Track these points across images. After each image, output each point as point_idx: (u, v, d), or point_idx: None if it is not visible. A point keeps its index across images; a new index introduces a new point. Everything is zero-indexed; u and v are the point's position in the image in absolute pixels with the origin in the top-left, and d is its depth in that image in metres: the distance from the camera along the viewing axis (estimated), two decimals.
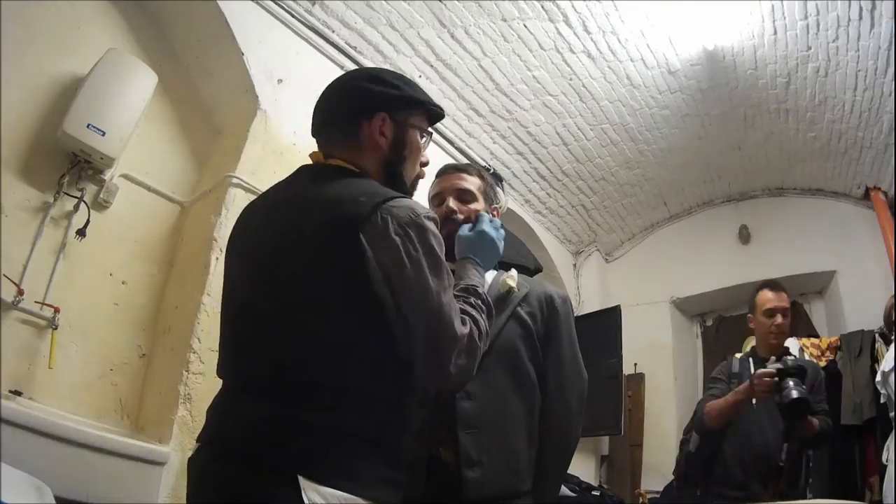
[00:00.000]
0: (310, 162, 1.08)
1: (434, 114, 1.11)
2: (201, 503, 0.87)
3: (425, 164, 1.12)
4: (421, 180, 1.13)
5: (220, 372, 0.99)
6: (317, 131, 1.09)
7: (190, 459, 0.92)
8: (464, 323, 0.92)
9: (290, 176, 1.08)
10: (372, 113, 1.02)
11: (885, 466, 2.43)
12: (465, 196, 1.41)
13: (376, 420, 0.88)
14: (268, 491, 0.80)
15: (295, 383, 0.87)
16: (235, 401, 0.91)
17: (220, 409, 0.93)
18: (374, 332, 0.89)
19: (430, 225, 0.93)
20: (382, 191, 0.95)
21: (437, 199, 1.44)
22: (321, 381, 0.86)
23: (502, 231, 1.28)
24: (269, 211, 1.02)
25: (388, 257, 0.87)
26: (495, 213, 1.51)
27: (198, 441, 0.94)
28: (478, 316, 0.97)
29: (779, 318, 2.13)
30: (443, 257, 0.93)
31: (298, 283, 0.90)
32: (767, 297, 2.21)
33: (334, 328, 0.88)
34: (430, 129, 1.11)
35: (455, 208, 1.38)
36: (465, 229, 1.26)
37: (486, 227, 1.24)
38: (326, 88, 1.10)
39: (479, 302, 1.02)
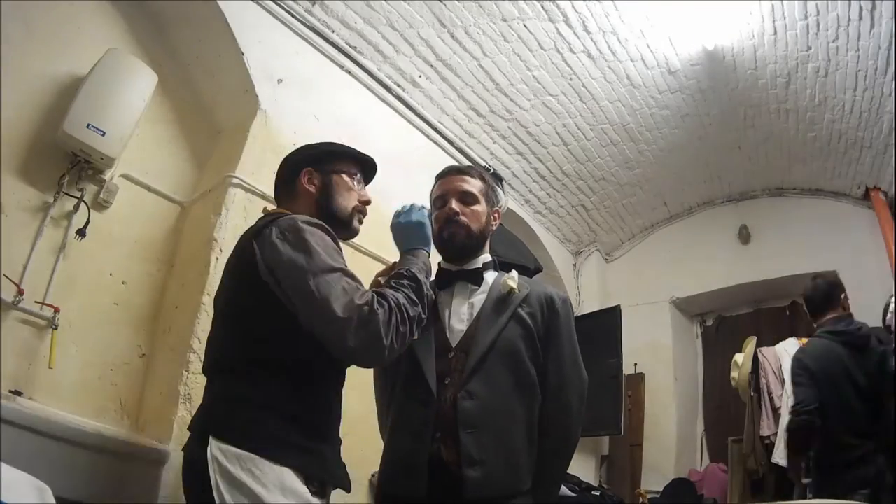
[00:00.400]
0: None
1: (356, 159, 1.37)
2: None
3: (365, 201, 1.36)
4: (363, 216, 1.37)
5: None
6: (275, 201, 1.39)
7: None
8: (359, 299, 1.06)
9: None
10: (299, 170, 1.32)
11: None
12: (467, 198, 1.43)
13: (285, 394, 1.08)
14: (195, 451, 1.05)
15: (225, 370, 1.14)
16: (206, 392, 1.20)
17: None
18: (276, 317, 1.09)
19: (309, 227, 1.13)
20: (283, 214, 1.20)
21: (439, 201, 1.46)
22: (242, 366, 1.11)
23: (422, 210, 1.36)
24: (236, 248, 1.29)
25: (269, 254, 1.11)
26: (496, 214, 1.52)
27: None
28: (391, 293, 1.13)
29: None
30: (322, 250, 1.10)
31: (223, 295, 1.23)
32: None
33: (245, 320, 1.13)
34: (354, 171, 1.36)
35: (458, 210, 1.40)
36: (395, 217, 1.37)
37: (398, 219, 1.36)
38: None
39: (402, 281, 1.19)
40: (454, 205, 1.41)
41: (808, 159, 3.87)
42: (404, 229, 1.33)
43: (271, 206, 1.39)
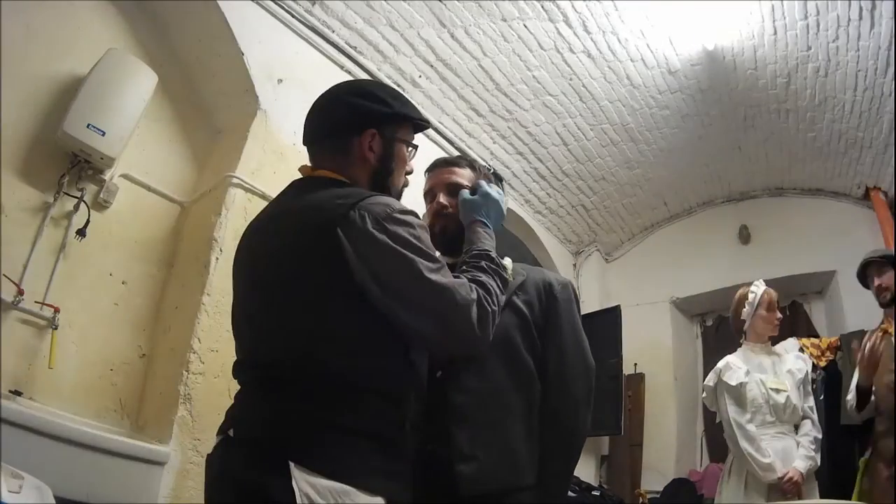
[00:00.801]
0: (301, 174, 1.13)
1: (420, 127, 1.17)
2: (210, 491, 0.94)
3: (410, 172, 1.18)
4: (406, 188, 1.19)
5: (234, 375, 1.04)
6: (308, 143, 1.14)
7: (208, 455, 0.98)
8: (470, 290, 0.97)
9: (283, 190, 1.13)
10: (362, 129, 1.07)
11: None
12: (455, 190, 1.39)
13: (370, 412, 0.93)
14: (263, 477, 0.85)
15: (294, 379, 0.92)
16: (244, 398, 0.98)
17: (233, 406, 1.00)
18: (363, 325, 0.94)
19: (408, 218, 0.97)
20: (360, 192, 1.00)
21: (429, 194, 1.42)
22: (318, 376, 0.92)
23: (503, 193, 1.30)
24: (265, 224, 1.08)
25: (368, 251, 0.92)
26: None
27: (217, 435, 0.99)
28: (487, 280, 1.02)
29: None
30: (426, 244, 0.97)
31: (288, 286, 0.96)
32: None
33: (323, 325, 0.93)
34: (415, 143, 1.17)
35: (446, 203, 1.36)
36: (466, 193, 1.29)
37: (486, 188, 1.27)
38: (317, 101, 1.14)
39: (489, 264, 1.07)
40: (442, 198, 1.37)
41: (808, 159, 3.87)
42: (486, 200, 1.25)
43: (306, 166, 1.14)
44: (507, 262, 1.39)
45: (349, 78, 2.86)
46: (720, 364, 2.56)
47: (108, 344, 2.10)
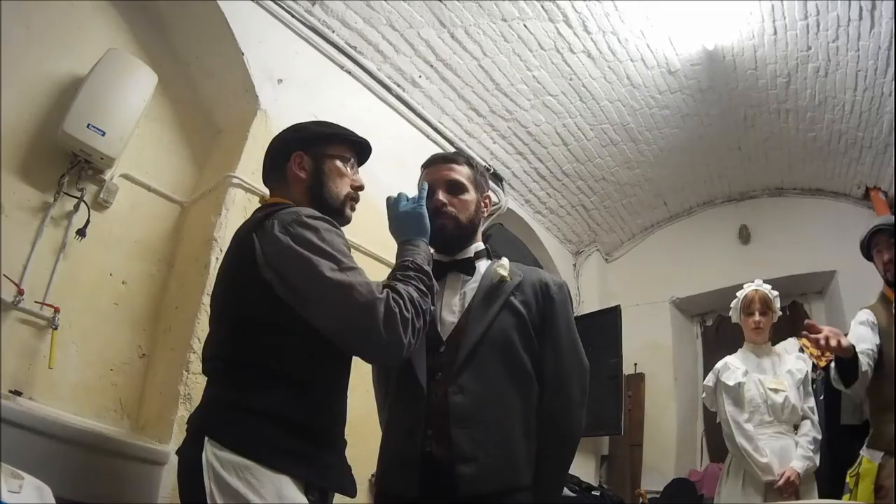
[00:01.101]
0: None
1: (351, 142, 1.30)
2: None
3: (358, 186, 1.30)
4: (356, 202, 1.31)
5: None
6: (264, 182, 1.33)
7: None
8: (376, 290, 1.03)
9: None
10: (289, 154, 1.25)
11: None
12: (454, 187, 1.39)
13: (282, 397, 1.04)
14: (188, 451, 1.02)
15: (223, 370, 1.10)
16: (204, 391, 1.15)
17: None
18: (277, 318, 1.06)
19: (316, 223, 1.08)
20: (283, 206, 1.15)
21: (427, 191, 1.41)
22: (241, 365, 1.07)
23: (419, 198, 1.32)
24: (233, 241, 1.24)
25: (272, 250, 1.05)
26: (486, 201, 1.47)
27: None
28: (401, 287, 1.08)
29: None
30: (333, 246, 1.06)
31: (222, 287, 1.17)
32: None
33: (246, 319, 1.08)
34: (347, 157, 1.29)
35: (445, 201, 1.36)
36: (391, 211, 1.33)
37: (397, 207, 1.31)
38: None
39: (403, 273, 1.14)
40: (441, 196, 1.36)
41: (808, 159, 3.87)
42: (403, 220, 1.27)
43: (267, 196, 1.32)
44: (504, 261, 1.39)
45: (349, 78, 2.86)
46: (719, 364, 2.57)
47: (108, 344, 2.10)
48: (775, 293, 2.56)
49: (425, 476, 1.19)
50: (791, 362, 2.50)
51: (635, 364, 4.20)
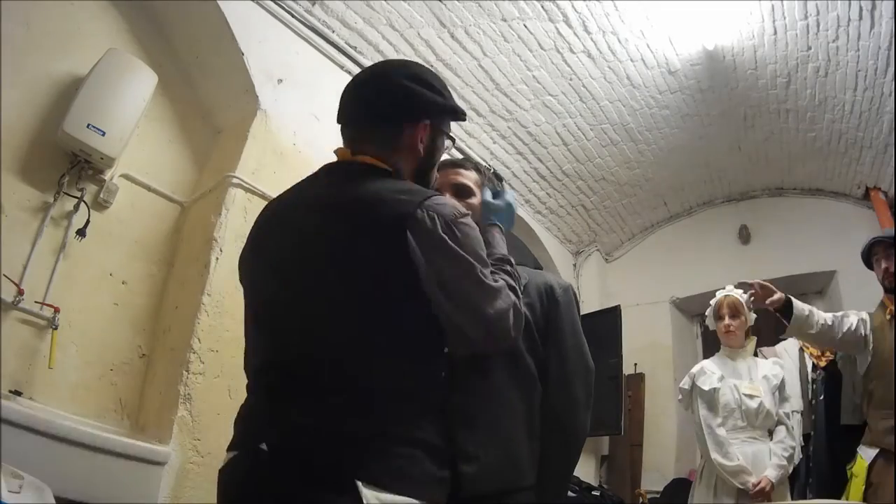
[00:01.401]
0: (330, 160, 1.06)
1: (460, 119, 1.13)
2: None
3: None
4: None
5: (254, 377, 0.97)
6: (347, 123, 1.04)
7: (224, 471, 0.90)
8: (510, 294, 0.95)
9: (317, 174, 1.05)
10: (418, 118, 1.01)
11: None
12: (461, 191, 1.40)
13: (421, 420, 0.89)
14: (324, 495, 0.79)
15: (341, 386, 0.86)
16: (277, 407, 0.87)
17: (259, 415, 0.90)
18: (419, 331, 0.90)
19: (469, 221, 0.94)
20: (419, 189, 0.95)
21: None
22: (367, 382, 0.86)
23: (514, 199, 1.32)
24: (304, 211, 0.98)
25: (440, 255, 0.87)
26: None
27: (231, 449, 0.91)
28: (515, 284, 1.01)
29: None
30: (482, 248, 0.96)
31: (343, 283, 0.88)
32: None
33: (379, 328, 0.87)
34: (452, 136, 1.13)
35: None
36: (488, 194, 1.29)
37: (510, 198, 1.29)
38: (363, 78, 1.08)
39: (512, 269, 1.08)
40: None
41: (808, 159, 3.87)
42: (508, 210, 1.26)
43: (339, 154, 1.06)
44: None
45: (349, 78, 2.85)
46: (695, 368, 2.62)
47: (108, 344, 2.10)
48: (745, 297, 2.54)
49: None
50: (767, 367, 2.52)
51: (635, 364, 4.20)
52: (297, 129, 2.51)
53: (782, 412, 2.42)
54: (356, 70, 2.88)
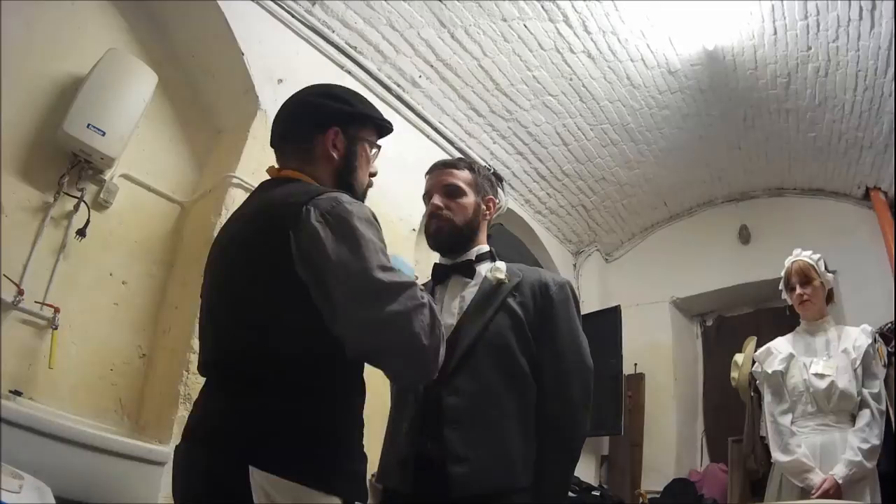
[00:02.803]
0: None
1: (383, 128, 1.18)
2: (180, 490, 0.94)
3: (374, 174, 1.17)
4: (370, 189, 1.18)
5: (200, 371, 1.06)
6: (275, 145, 1.14)
7: (175, 449, 0.99)
8: (419, 298, 0.91)
9: (252, 191, 1.15)
10: (325, 127, 1.08)
11: None
12: (451, 191, 1.42)
13: (327, 411, 0.92)
14: (221, 471, 0.86)
15: (249, 375, 0.92)
16: (207, 395, 0.99)
17: (198, 403, 1.01)
18: (308, 320, 0.91)
19: (355, 209, 0.94)
20: (315, 189, 0.99)
21: (426, 196, 1.46)
22: (270, 371, 0.91)
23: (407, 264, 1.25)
24: (230, 224, 1.09)
25: (308, 243, 0.90)
26: (490, 204, 1.49)
27: (182, 436, 0.99)
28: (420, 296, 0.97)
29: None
30: (371, 238, 0.92)
31: (242, 282, 0.97)
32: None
33: (273, 320, 0.92)
34: (378, 143, 1.17)
35: (441, 205, 1.39)
36: None
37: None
38: (283, 104, 1.17)
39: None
40: (437, 199, 1.40)
41: (808, 159, 3.87)
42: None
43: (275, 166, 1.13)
44: (501, 265, 1.39)
45: (349, 78, 2.86)
46: (761, 349, 2.32)
47: (108, 344, 2.10)
48: (817, 256, 2.26)
49: (421, 476, 1.19)
50: (850, 338, 2.11)
51: (635, 364, 4.20)
52: None
53: (868, 392, 1.98)
54: (356, 70, 2.89)
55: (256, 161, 2.33)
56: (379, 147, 1.17)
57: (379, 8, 2.75)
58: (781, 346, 2.26)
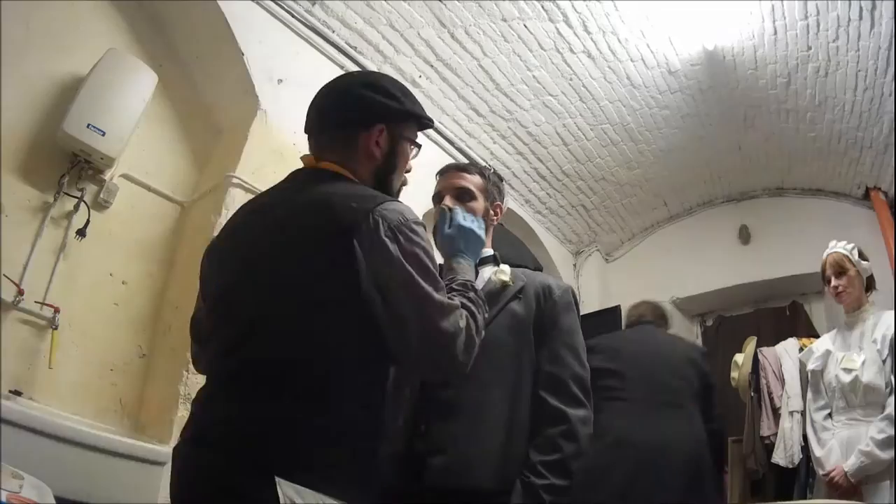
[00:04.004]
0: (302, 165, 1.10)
1: (425, 126, 1.14)
2: (182, 494, 0.88)
3: (409, 171, 1.15)
4: (404, 187, 1.16)
5: (207, 368, 1.01)
6: (311, 132, 1.09)
7: (175, 449, 0.92)
8: (461, 317, 0.93)
9: (284, 179, 1.10)
10: (371, 124, 1.03)
11: None
12: (463, 195, 1.41)
13: (351, 421, 0.89)
14: (249, 488, 0.80)
15: (281, 383, 0.87)
16: (220, 397, 0.91)
17: (205, 403, 0.94)
18: (354, 332, 0.90)
19: (419, 229, 0.95)
20: (373, 194, 0.97)
21: (436, 198, 1.45)
22: (306, 382, 0.87)
23: (480, 220, 1.29)
24: (263, 214, 1.03)
25: (378, 258, 0.88)
26: (498, 210, 1.50)
27: (182, 435, 0.93)
28: (475, 310, 1.00)
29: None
30: (432, 261, 0.94)
31: (290, 284, 0.91)
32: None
33: (323, 329, 0.89)
34: (419, 142, 1.13)
35: (451, 207, 1.37)
36: (443, 228, 1.27)
37: (460, 220, 1.25)
38: (325, 89, 1.11)
39: (476, 296, 1.05)
40: (448, 202, 1.39)
41: (809, 159, 3.87)
42: (462, 234, 1.23)
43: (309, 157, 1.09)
44: (505, 268, 1.40)
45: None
46: (805, 350, 2.32)
47: (108, 344, 2.10)
48: (851, 246, 2.23)
49: (411, 472, 1.20)
50: (882, 327, 2.04)
51: None
52: (297, 129, 2.47)
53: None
54: (356, 70, 2.88)
55: (256, 161, 2.33)
56: (419, 147, 1.14)
57: (379, 8, 2.75)
58: (821, 343, 2.26)
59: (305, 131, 1.10)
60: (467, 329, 0.94)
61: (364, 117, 1.04)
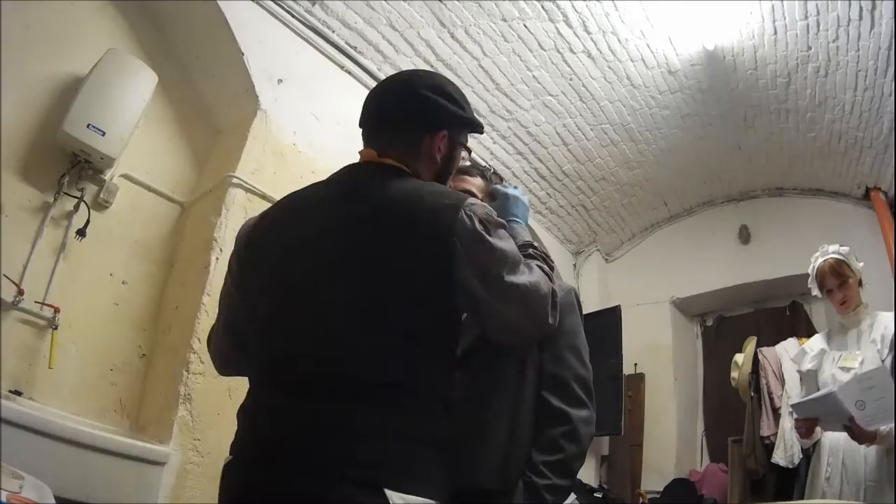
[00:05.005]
0: (347, 162, 1.09)
1: (477, 131, 1.16)
2: None
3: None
4: None
5: (260, 372, 0.95)
6: (371, 126, 1.08)
7: (230, 468, 0.88)
8: (548, 282, 1.01)
9: (341, 172, 1.07)
10: (437, 128, 1.05)
11: None
12: None
13: (435, 421, 0.90)
14: (350, 500, 0.78)
15: (361, 385, 0.84)
16: (286, 404, 0.86)
17: (268, 413, 0.88)
18: (436, 331, 0.92)
19: (499, 220, 1.00)
20: (455, 192, 1.04)
21: None
22: (386, 381, 0.85)
23: (520, 189, 1.37)
24: (335, 205, 0.98)
25: (478, 247, 0.91)
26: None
27: (235, 448, 0.90)
28: (548, 270, 1.07)
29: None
30: (515, 244, 1.01)
31: (378, 280, 0.89)
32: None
33: (403, 328, 0.88)
34: (467, 147, 1.17)
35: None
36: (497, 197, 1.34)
37: (504, 189, 1.33)
38: (390, 85, 1.12)
39: (538, 252, 1.13)
40: None
41: (808, 159, 3.86)
42: (508, 201, 1.30)
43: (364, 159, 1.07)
44: None
45: (349, 78, 2.86)
46: (797, 352, 2.31)
47: (108, 344, 2.10)
48: (846, 249, 2.16)
49: None
50: (881, 326, 2.04)
51: (635, 364, 4.20)
52: (297, 129, 2.51)
53: None
54: (356, 70, 2.88)
55: (256, 161, 2.33)
56: (470, 151, 1.19)
57: (379, 8, 2.75)
58: (814, 343, 2.23)
59: (360, 125, 1.09)
60: (553, 292, 1.01)
61: (431, 121, 1.05)
